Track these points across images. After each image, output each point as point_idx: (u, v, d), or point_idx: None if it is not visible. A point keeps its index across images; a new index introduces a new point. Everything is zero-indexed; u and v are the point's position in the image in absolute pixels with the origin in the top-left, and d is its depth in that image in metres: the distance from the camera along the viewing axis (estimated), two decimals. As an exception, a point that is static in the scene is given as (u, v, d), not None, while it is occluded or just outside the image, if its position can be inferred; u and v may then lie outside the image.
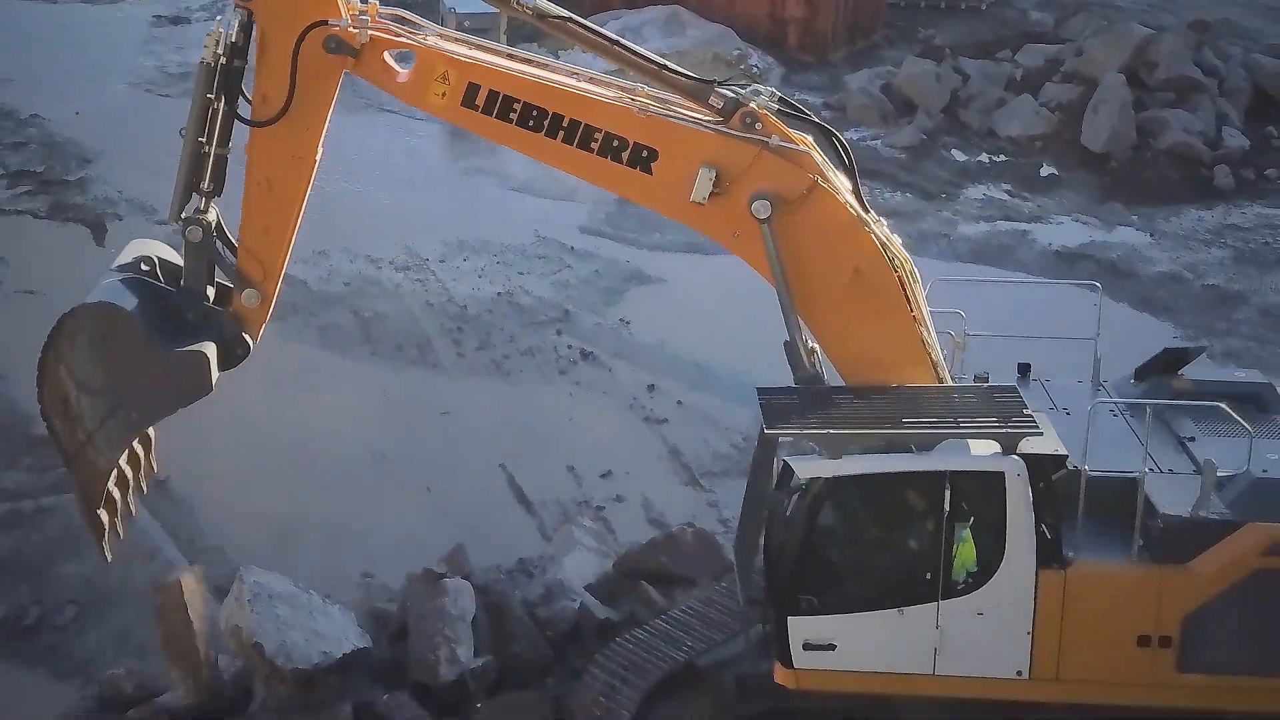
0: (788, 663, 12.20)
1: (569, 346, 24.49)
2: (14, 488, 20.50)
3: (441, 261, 27.56)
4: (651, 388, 23.06)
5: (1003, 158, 32.98)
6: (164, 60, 39.09)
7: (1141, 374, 13.77)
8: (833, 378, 12.66)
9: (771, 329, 12.95)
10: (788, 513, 12.16)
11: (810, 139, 12.39)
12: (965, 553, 11.84)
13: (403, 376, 23.80)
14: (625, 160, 12.14)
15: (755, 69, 36.67)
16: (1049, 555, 11.73)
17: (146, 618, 17.77)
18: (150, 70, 38.37)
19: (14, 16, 42.40)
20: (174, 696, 15.01)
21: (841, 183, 12.37)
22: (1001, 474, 11.59)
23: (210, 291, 13.07)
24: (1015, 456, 11.60)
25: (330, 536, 18.99)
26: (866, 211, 12.41)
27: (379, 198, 30.81)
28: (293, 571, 16.56)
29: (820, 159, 12.30)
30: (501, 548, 18.44)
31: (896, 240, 12.55)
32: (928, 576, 11.91)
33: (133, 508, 14.15)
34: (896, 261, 12.37)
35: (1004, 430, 11.69)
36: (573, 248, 28.27)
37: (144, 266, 13.17)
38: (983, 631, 11.90)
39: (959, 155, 33.22)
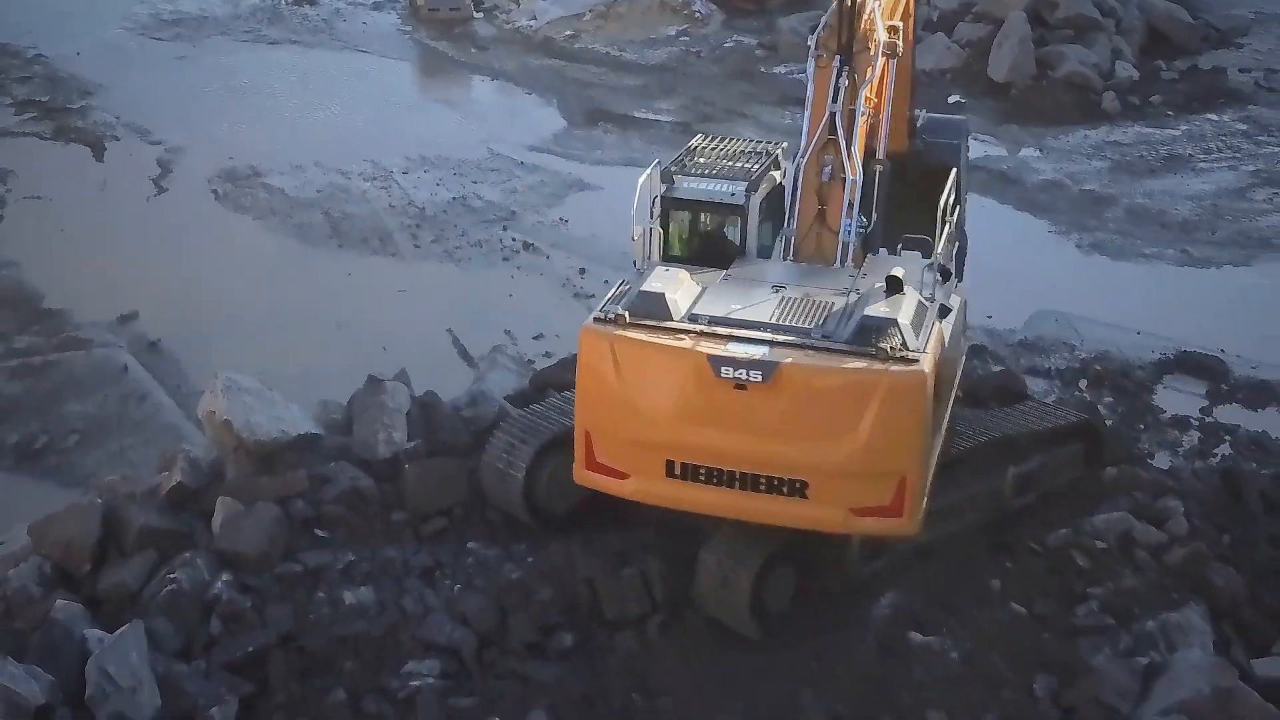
0: None
1: (513, 239, 27.73)
2: (25, 347, 23.80)
3: (404, 173, 30.78)
4: (583, 271, 26.20)
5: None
6: (157, 8, 42.48)
7: None
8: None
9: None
10: None
11: None
12: None
13: (366, 263, 27.06)
14: None
15: (699, 14, 39.98)
16: None
17: (140, 444, 21.20)
18: (145, 16, 41.75)
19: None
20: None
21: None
22: None
23: None
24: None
25: (298, 382, 21.85)
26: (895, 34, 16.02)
27: (351, 123, 34.04)
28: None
29: None
30: (443, 390, 21.54)
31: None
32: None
33: None
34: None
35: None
36: (522, 162, 31.54)
37: None
38: None
39: (877, 86, 36.37)
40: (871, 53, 15.89)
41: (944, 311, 14.94)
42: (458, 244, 27.57)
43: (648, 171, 15.61)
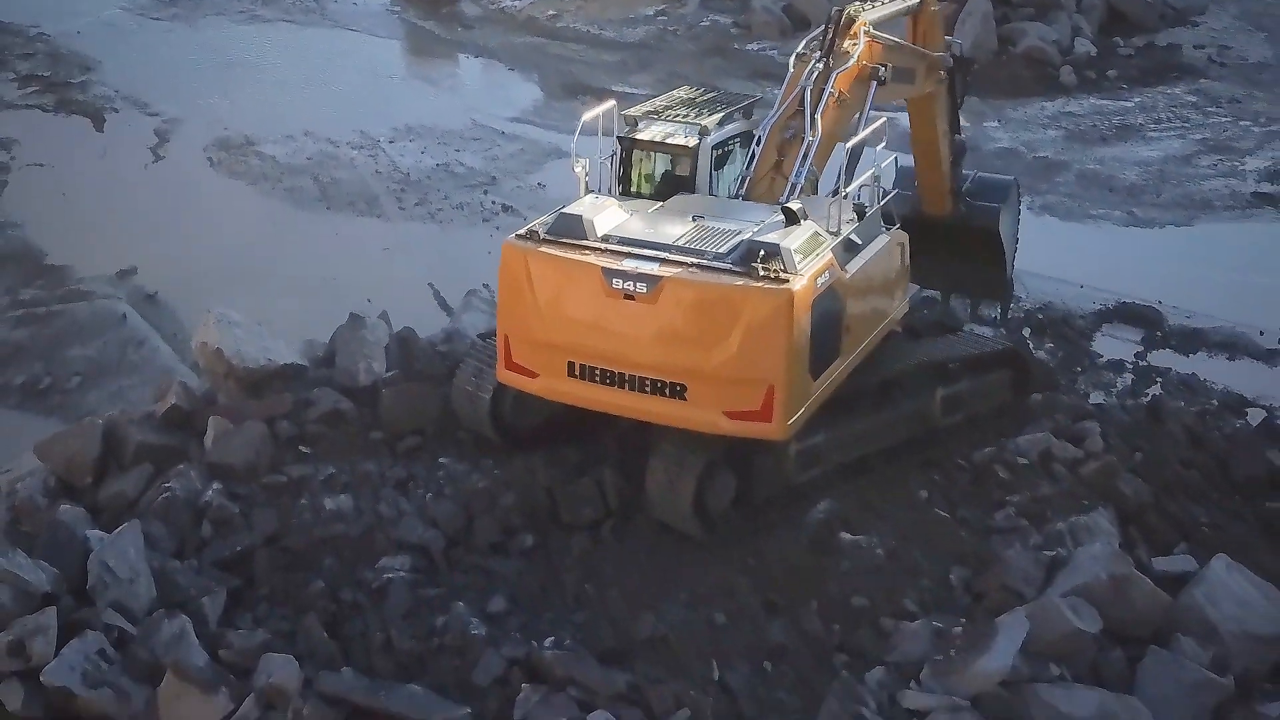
0: None
1: (493, 202, 29.18)
2: (30, 299, 25.18)
3: (391, 142, 32.21)
4: (558, 230, 27.53)
5: (882, 63, 37.65)
6: (157, -12, 43.98)
7: None
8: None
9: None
10: None
11: None
12: None
13: (353, 224, 28.49)
14: None
15: (678, -3, 41.55)
16: None
17: (137, 384, 22.52)
18: (144, -3, 43.27)
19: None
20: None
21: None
22: None
23: None
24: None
25: (286, 330, 23.37)
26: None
27: (340, 96, 35.47)
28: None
29: None
30: (422, 333, 22.77)
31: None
32: None
33: None
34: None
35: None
36: (503, 132, 33.01)
37: None
38: None
39: (845, 62, 37.89)
40: (850, 54, 17.74)
41: (852, 245, 16.38)
42: (440, 206, 28.99)
43: (596, 110, 17.05)
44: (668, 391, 15.31)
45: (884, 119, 17.80)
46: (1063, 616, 14.46)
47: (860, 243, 16.68)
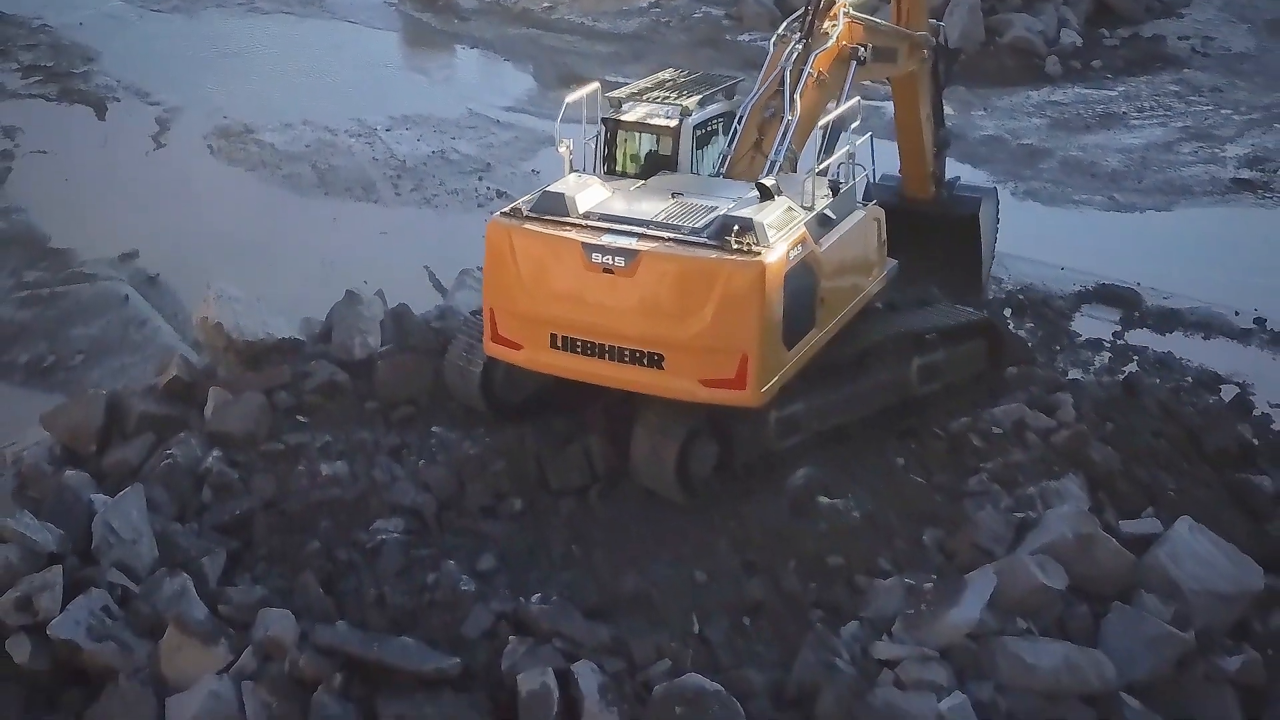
0: None
1: (488, 188, 29.77)
2: (34, 280, 25.81)
3: (388, 131, 32.81)
4: (551, 215, 28.07)
5: (872, 54, 38.22)
6: (157, -20, 44.58)
7: None
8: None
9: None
10: None
11: None
12: None
13: (349, 209, 29.09)
14: None
15: (669, -13, 42.08)
16: None
17: (139, 362, 23.10)
18: (143, -11, 43.86)
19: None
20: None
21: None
22: None
23: None
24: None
25: (284, 311, 23.93)
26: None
27: (338, 86, 36.06)
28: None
29: None
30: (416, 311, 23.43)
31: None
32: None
33: None
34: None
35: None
36: (498, 121, 33.58)
37: None
38: None
39: (835, 53, 38.45)
40: (829, 35, 18.31)
41: (826, 220, 16.94)
42: (436, 192, 29.58)
43: (580, 92, 17.61)
44: (646, 361, 15.82)
45: (858, 98, 18.36)
46: (1030, 573, 15.01)
47: (835, 218, 17.21)
